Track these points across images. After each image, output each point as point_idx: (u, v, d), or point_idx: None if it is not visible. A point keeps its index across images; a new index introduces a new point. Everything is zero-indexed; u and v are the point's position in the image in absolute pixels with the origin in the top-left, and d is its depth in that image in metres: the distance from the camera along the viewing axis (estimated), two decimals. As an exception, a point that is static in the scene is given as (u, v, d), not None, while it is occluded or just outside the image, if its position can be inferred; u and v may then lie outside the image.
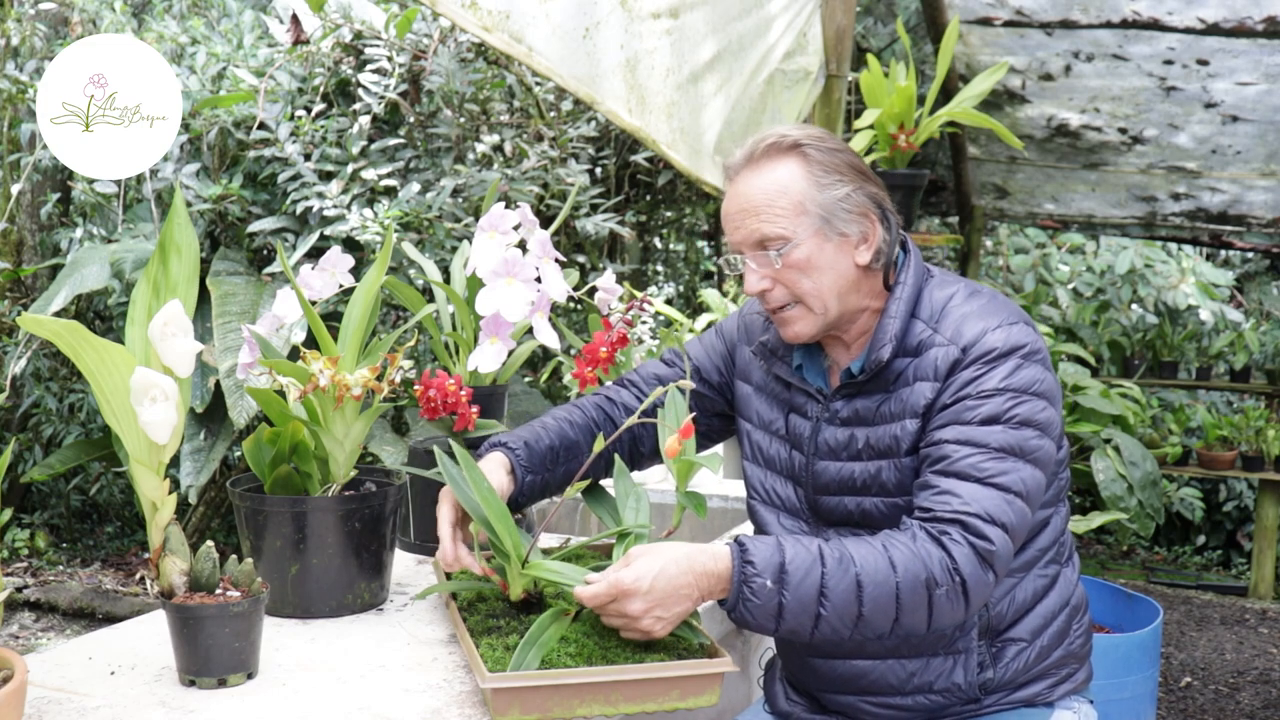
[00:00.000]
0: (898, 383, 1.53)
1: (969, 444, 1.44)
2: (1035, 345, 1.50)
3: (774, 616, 1.36)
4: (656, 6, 2.90)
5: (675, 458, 1.53)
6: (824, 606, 1.36)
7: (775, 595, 1.36)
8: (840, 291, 1.55)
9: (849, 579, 1.36)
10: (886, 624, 1.38)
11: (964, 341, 1.49)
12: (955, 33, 3.84)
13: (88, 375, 1.35)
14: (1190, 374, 5.88)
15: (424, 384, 1.71)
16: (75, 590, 4.17)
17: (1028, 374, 1.47)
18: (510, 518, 1.48)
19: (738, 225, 1.56)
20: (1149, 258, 6.14)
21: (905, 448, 1.51)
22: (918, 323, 1.55)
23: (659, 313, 3.62)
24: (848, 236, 1.53)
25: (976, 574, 1.38)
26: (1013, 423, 1.44)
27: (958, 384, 1.48)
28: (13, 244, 4.51)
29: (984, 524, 1.39)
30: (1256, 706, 3.93)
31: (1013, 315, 1.52)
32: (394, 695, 1.37)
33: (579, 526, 2.49)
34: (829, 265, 1.53)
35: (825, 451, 1.60)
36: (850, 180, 1.53)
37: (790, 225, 1.51)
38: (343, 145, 3.30)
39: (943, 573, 1.37)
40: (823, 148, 1.53)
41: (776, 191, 1.52)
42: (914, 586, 1.37)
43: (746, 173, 1.55)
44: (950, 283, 1.59)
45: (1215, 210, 5.09)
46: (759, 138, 1.56)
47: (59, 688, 1.36)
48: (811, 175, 1.52)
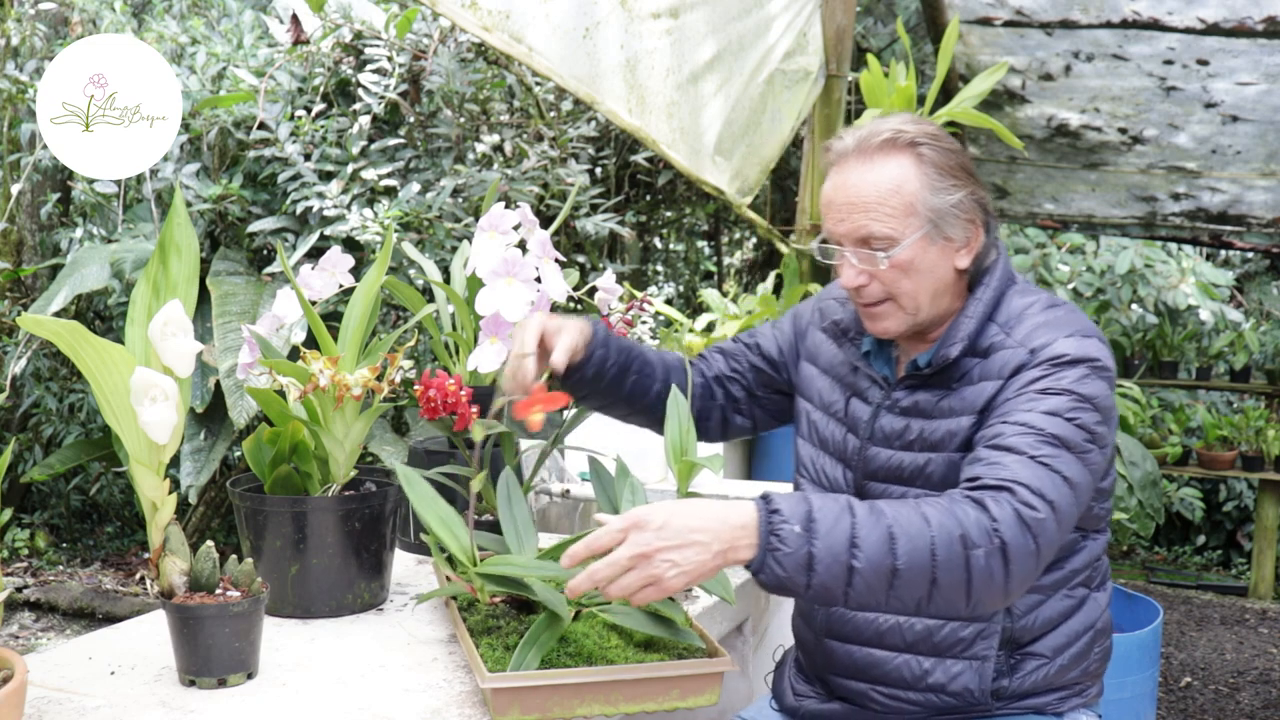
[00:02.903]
0: (962, 381, 1.53)
1: (1024, 426, 1.39)
2: (1105, 362, 1.47)
3: (804, 568, 1.23)
4: (656, 6, 2.90)
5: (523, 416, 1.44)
6: (856, 557, 1.24)
7: (804, 543, 1.23)
8: (935, 293, 1.54)
9: (881, 529, 1.26)
10: (924, 584, 1.26)
11: (1033, 345, 1.48)
12: (955, 33, 3.84)
13: (88, 375, 1.35)
14: (1190, 374, 5.88)
15: (424, 384, 1.71)
16: (75, 590, 4.17)
17: (1094, 386, 1.44)
18: (460, 522, 1.48)
19: (842, 218, 1.52)
20: (1149, 258, 6.14)
21: (959, 443, 1.50)
22: (992, 326, 1.54)
23: (659, 313, 3.63)
24: (952, 241, 1.52)
25: (1019, 539, 1.28)
26: (1073, 425, 1.40)
27: (1021, 382, 1.45)
28: (13, 244, 4.51)
29: (1030, 494, 1.31)
30: (1256, 706, 3.93)
31: (1088, 329, 1.50)
32: (394, 695, 1.37)
33: (578, 526, 2.49)
34: (930, 268, 1.52)
35: (880, 438, 1.59)
36: (964, 184, 1.52)
37: (899, 226, 1.49)
38: (343, 145, 3.30)
39: (980, 532, 1.27)
40: (939, 148, 1.51)
41: (889, 190, 1.49)
42: (949, 542, 1.26)
43: (857, 163, 1.52)
44: (1031, 292, 1.58)
45: (1215, 210, 5.09)
46: (873, 128, 1.52)
47: (59, 688, 1.36)
48: (926, 177, 1.49)
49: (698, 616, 1.69)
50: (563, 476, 2.54)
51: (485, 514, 1.82)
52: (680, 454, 1.76)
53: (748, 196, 3.73)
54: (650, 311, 2.81)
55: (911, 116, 1.56)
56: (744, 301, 4.08)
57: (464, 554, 1.48)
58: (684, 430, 1.78)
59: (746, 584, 1.91)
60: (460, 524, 1.50)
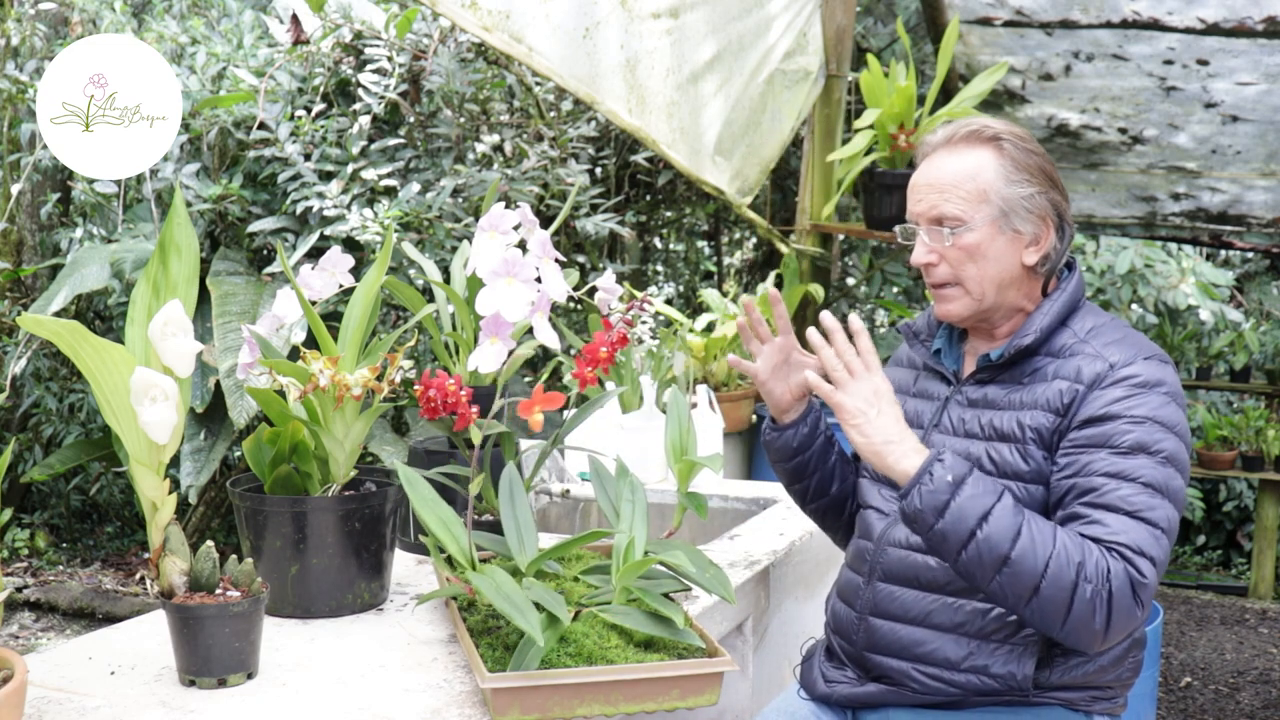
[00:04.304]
0: (1034, 376, 1.58)
1: (1119, 477, 1.46)
2: (1179, 390, 1.54)
3: (937, 512, 1.41)
4: (656, 6, 2.90)
5: (525, 416, 1.47)
6: (981, 528, 1.40)
7: (947, 492, 1.41)
8: (1001, 283, 1.60)
9: (1014, 521, 1.40)
10: (1028, 586, 1.39)
11: (1113, 359, 1.53)
12: (955, 33, 3.84)
13: (88, 375, 1.35)
14: (1190, 374, 5.88)
15: (424, 384, 1.71)
16: (75, 590, 4.17)
17: (1172, 412, 1.50)
18: (460, 524, 1.49)
19: (921, 198, 1.62)
20: (1149, 258, 6.14)
21: (1030, 436, 1.54)
22: (1067, 330, 1.60)
23: (659, 313, 3.62)
24: (1021, 234, 1.59)
25: (1125, 597, 1.40)
26: (1159, 457, 1.46)
27: (1105, 400, 1.50)
28: (13, 244, 4.51)
29: (1135, 555, 1.41)
30: (1256, 706, 3.93)
31: (1162, 355, 1.57)
32: (394, 695, 1.37)
33: (578, 526, 2.49)
34: (996, 256, 1.58)
35: (945, 428, 1.64)
36: (1038, 183, 1.59)
37: (969, 209, 1.57)
38: (343, 145, 3.30)
39: (1095, 571, 1.39)
40: (1020, 146, 1.59)
41: (965, 175, 1.58)
42: (1065, 563, 1.38)
43: (943, 152, 1.62)
44: (1102, 314, 1.64)
45: (1215, 210, 5.09)
46: (963, 122, 1.62)
47: (59, 688, 1.36)
48: (1002, 168, 1.58)
49: (698, 616, 1.69)
50: (563, 476, 2.54)
51: (486, 514, 1.82)
52: (680, 454, 1.76)
53: (748, 196, 3.73)
54: (650, 311, 2.81)
55: (1003, 120, 1.65)
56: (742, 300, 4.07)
57: (463, 556, 1.48)
58: (684, 430, 1.78)
59: (746, 584, 1.92)
60: (460, 525, 1.49)
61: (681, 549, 1.55)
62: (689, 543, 1.63)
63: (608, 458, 1.76)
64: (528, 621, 1.31)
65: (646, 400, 2.61)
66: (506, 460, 1.74)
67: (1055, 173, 1.63)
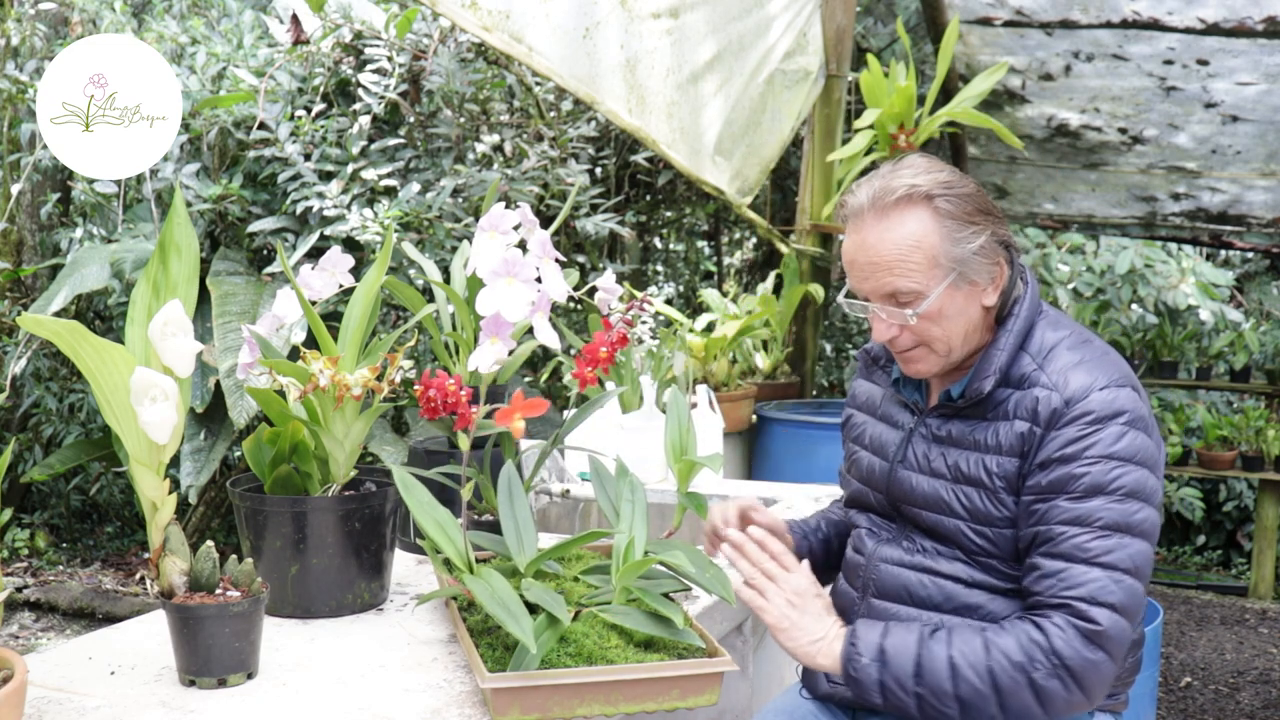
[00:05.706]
0: (996, 412, 1.54)
1: (1075, 523, 1.44)
2: (1140, 412, 1.49)
3: (878, 689, 1.46)
4: (656, 6, 2.90)
5: (506, 424, 1.43)
6: (920, 684, 1.43)
7: (876, 670, 1.46)
8: (966, 334, 1.56)
9: (943, 658, 1.43)
10: (991, 707, 1.42)
11: (1069, 393, 1.48)
12: (955, 33, 3.85)
13: (88, 375, 1.35)
14: (1190, 374, 5.88)
15: (424, 384, 1.71)
16: (75, 590, 4.17)
17: (1130, 441, 1.46)
18: (456, 525, 1.49)
19: (866, 276, 1.55)
20: (1149, 258, 6.13)
21: (999, 484, 1.52)
22: (1025, 355, 1.55)
23: (659, 313, 3.63)
24: (977, 284, 1.54)
25: (1080, 655, 1.39)
26: (1118, 495, 1.43)
27: (1060, 441, 1.47)
28: (13, 244, 4.51)
29: (1089, 606, 1.40)
30: (1256, 706, 3.93)
31: (1121, 377, 1.51)
32: (394, 695, 1.37)
33: (578, 526, 2.49)
34: (957, 312, 1.54)
35: (910, 463, 1.62)
36: (983, 228, 1.53)
37: (923, 280, 1.51)
38: (343, 145, 3.30)
39: (1039, 653, 1.40)
40: (953, 196, 1.51)
41: (910, 246, 1.50)
42: (1007, 669, 1.41)
43: (874, 222, 1.53)
44: (1063, 325, 1.59)
45: (1215, 210, 5.09)
46: (886, 184, 1.53)
47: (59, 688, 1.36)
48: (944, 229, 1.51)
49: (698, 616, 1.69)
50: (563, 476, 2.54)
51: (486, 514, 1.82)
52: (680, 454, 1.76)
53: (748, 196, 3.73)
54: (650, 311, 2.81)
55: (923, 164, 1.56)
56: (744, 301, 4.08)
57: (460, 559, 1.48)
58: (684, 430, 1.78)
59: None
60: (457, 528, 1.49)
61: (681, 549, 1.55)
62: (689, 543, 1.63)
63: (608, 458, 1.76)
64: (520, 628, 1.31)
65: (646, 400, 2.61)
66: (506, 460, 1.74)
67: (988, 201, 1.56)
